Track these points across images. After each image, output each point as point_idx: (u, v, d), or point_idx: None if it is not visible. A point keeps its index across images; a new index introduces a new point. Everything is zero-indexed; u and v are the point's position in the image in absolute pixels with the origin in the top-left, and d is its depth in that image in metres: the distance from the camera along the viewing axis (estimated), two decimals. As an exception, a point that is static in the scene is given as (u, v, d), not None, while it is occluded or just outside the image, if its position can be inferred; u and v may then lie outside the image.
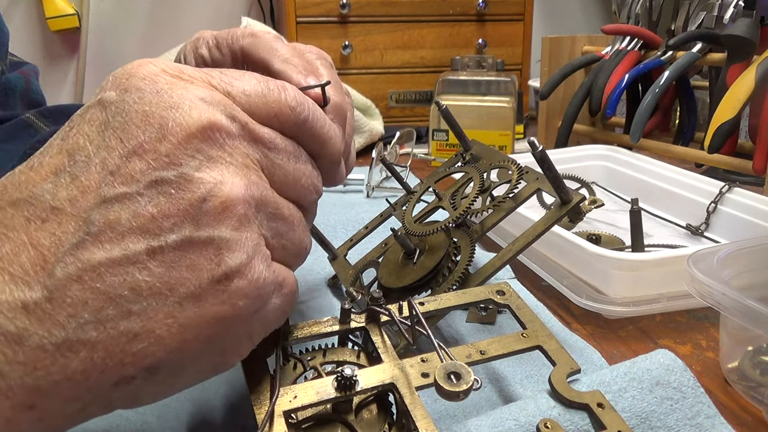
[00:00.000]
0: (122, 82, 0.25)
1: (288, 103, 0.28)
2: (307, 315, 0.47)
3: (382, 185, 0.81)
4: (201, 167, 0.24)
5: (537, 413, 0.30)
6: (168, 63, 0.26)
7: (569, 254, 0.50)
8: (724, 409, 0.36)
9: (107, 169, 0.23)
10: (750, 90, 0.70)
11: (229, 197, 0.24)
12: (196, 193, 0.23)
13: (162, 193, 0.23)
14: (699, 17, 0.84)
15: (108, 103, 0.24)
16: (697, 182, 0.66)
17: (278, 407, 0.27)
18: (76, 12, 1.55)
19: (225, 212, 0.24)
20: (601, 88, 0.88)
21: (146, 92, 0.24)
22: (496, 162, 0.48)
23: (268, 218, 0.26)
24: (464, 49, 1.28)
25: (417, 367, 0.30)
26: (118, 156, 0.23)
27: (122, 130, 0.23)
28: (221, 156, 0.24)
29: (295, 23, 1.22)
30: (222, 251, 0.24)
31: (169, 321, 0.23)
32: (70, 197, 0.22)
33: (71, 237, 0.22)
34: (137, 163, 0.23)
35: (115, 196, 0.22)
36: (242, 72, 0.28)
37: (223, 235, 0.24)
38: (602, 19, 1.84)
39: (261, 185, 0.26)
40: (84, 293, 0.22)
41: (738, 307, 0.34)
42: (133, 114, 0.24)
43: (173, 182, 0.23)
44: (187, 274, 0.23)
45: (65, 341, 0.21)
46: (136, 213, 0.23)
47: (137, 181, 0.23)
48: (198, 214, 0.23)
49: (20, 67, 0.66)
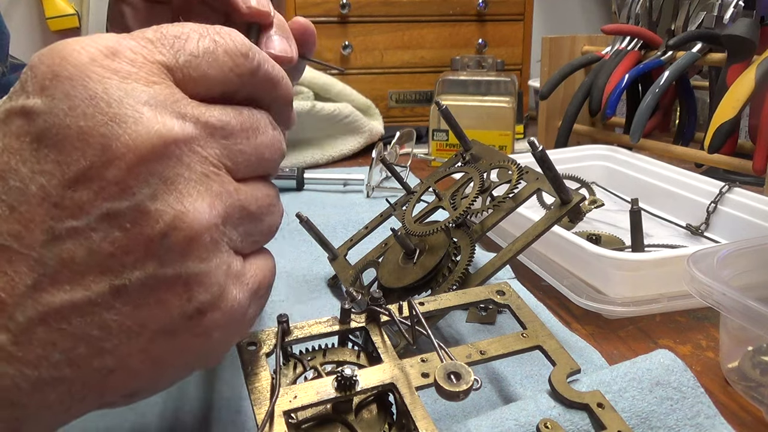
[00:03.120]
0: (45, 83, 0.21)
1: (239, 50, 0.25)
2: (307, 315, 0.47)
3: (382, 185, 0.81)
4: (157, 195, 0.21)
5: (537, 413, 0.30)
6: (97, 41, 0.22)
7: (569, 254, 0.50)
8: (724, 409, 0.36)
9: (49, 199, 0.20)
10: (750, 90, 0.70)
11: (193, 228, 0.22)
12: (155, 228, 0.21)
13: (116, 227, 0.21)
14: (699, 17, 0.84)
15: (35, 114, 0.21)
16: (697, 182, 0.66)
17: (278, 407, 0.27)
18: (76, 12, 1.55)
19: (190, 245, 0.22)
20: (601, 88, 0.88)
21: (78, 99, 0.21)
22: (496, 162, 0.48)
23: (235, 225, 0.24)
24: (464, 49, 1.28)
25: (417, 367, 0.30)
26: (59, 184, 0.20)
27: (58, 151, 0.20)
28: (178, 174, 0.22)
29: (295, 23, 1.22)
30: (192, 286, 0.22)
31: (143, 356, 0.22)
32: (14, 233, 0.20)
33: (26, 278, 0.20)
34: (83, 193, 0.20)
35: (65, 231, 0.20)
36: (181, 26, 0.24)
37: (190, 270, 0.22)
38: (602, 19, 1.84)
39: (225, 194, 0.24)
40: (51, 335, 0.20)
41: (738, 307, 0.34)
42: (66, 131, 0.20)
43: (127, 215, 0.21)
44: (157, 311, 0.22)
45: (39, 379, 0.21)
46: (91, 250, 0.21)
47: (86, 214, 0.20)
48: (160, 250, 0.21)
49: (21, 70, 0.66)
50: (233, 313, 0.24)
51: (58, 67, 0.21)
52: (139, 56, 0.22)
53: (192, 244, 0.22)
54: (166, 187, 0.21)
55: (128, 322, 0.21)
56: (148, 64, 0.23)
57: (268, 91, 0.27)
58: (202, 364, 0.25)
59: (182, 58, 0.23)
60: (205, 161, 0.23)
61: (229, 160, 0.24)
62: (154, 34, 0.24)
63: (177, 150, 0.22)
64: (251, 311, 0.26)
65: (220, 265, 0.23)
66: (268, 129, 0.26)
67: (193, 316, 0.22)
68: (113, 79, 0.21)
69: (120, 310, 0.21)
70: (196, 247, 0.22)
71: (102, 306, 0.21)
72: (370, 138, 1.02)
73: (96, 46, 0.22)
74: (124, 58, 0.22)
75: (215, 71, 0.24)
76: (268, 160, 0.26)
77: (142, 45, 0.23)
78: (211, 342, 0.24)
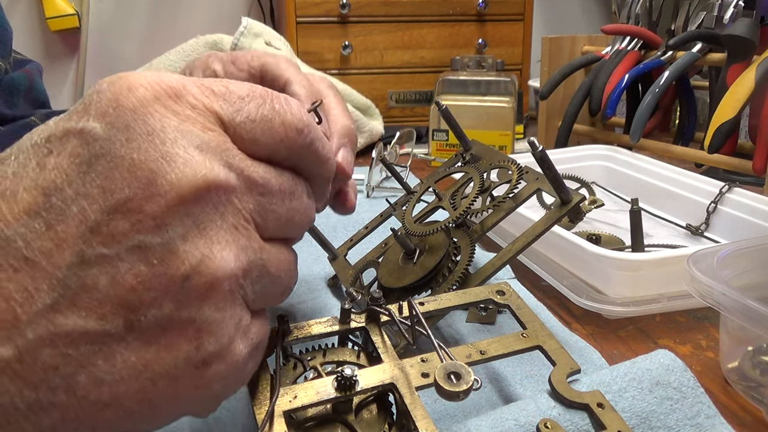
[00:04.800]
0: (109, 111, 0.22)
1: (295, 125, 0.26)
2: (307, 315, 0.47)
3: (382, 185, 0.81)
4: (188, 236, 0.22)
5: (537, 413, 0.30)
6: (164, 80, 0.23)
7: (569, 254, 0.50)
8: (724, 409, 0.36)
9: (87, 223, 0.21)
10: (750, 90, 0.71)
11: (215, 276, 0.22)
12: (180, 269, 0.21)
13: (143, 262, 0.21)
14: (699, 17, 0.84)
15: (92, 138, 0.21)
16: (697, 182, 0.66)
17: (278, 407, 0.27)
18: (76, 12, 1.55)
19: (209, 292, 0.22)
20: (601, 88, 0.88)
21: (136, 133, 0.21)
22: (496, 162, 0.48)
23: (253, 282, 0.24)
24: (464, 49, 1.28)
25: (417, 367, 0.30)
26: (100, 209, 0.21)
27: (106, 178, 0.21)
28: (211, 220, 0.22)
29: (295, 23, 1.22)
30: (202, 334, 0.22)
31: (140, 396, 0.22)
32: (45, 250, 0.20)
33: (45, 296, 0.20)
34: (120, 223, 0.21)
35: (95, 257, 0.21)
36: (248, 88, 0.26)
37: (205, 317, 0.22)
38: (602, 19, 1.84)
39: (250, 249, 0.24)
40: (55, 358, 0.20)
41: (738, 307, 0.34)
42: (119, 160, 0.21)
43: (156, 251, 0.21)
44: (164, 353, 0.22)
45: (36, 402, 0.20)
46: (114, 280, 0.21)
47: (118, 243, 0.21)
48: (180, 293, 0.21)
49: (24, 66, 0.65)
50: (236, 367, 0.24)
51: (123, 97, 0.22)
52: (200, 103, 0.24)
53: (211, 291, 0.22)
54: (198, 231, 0.22)
55: (133, 359, 0.21)
56: (206, 112, 0.24)
57: (312, 166, 0.28)
58: (195, 412, 0.25)
59: (239, 117, 0.24)
60: (239, 213, 0.24)
61: (260, 216, 0.25)
62: (219, 88, 0.25)
63: (216, 197, 0.23)
64: (250, 366, 0.26)
65: (233, 317, 0.23)
66: (303, 196, 0.27)
67: (199, 365, 0.22)
68: (172, 119, 0.22)
69: (129, 344, 0.21)
70: (215, 294, 0.22)
71: (113, 337, 0.21)
72: (370, 138, 1.02)
73: (162, 85, 0.23)
74: (186, 103, 0.23)
75: (267, 139, 0.25)
76: (296, 225, 0.27)
77: (206, 95, 0.24)
78: (210, 393, 0.24)
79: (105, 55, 1.64)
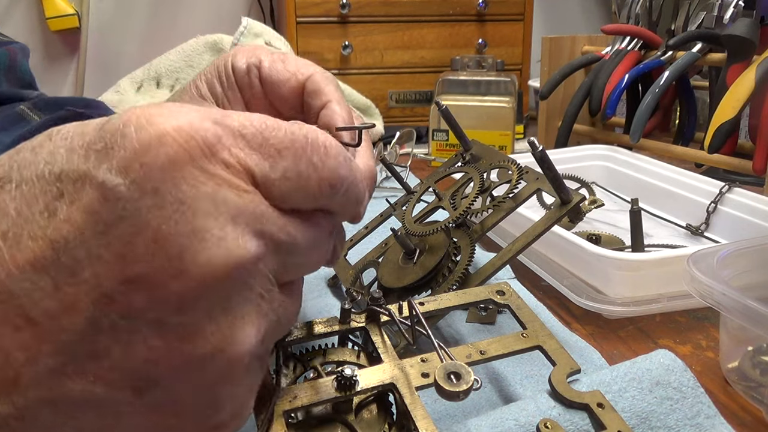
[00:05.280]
0: (134, 166, 0.19)
1: (330, 182, 0.24)
2: (307, 315, 0.47)
3: (382, 185, 0.81)
4: (213, 316, 0.20)
5: (537, 413, 0.30)
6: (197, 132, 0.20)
7: (569, 254, 0.50)
8: (724, 409, 0.36)
9: (101, 289, 0.18)
10: (750, 90, 0.71)
11: (236, 354, 0.21)
12: (199, 348, 0.20)
13: (161, 336, 0.19)
14: (699, 17, 0.84)
15: (113, 197, 0.19)
16: (697, 182, 0.66)
17: (278, 407, 0.27)
18: (76, 12, 1.55)
19: (228, 370, 0.21)
20: (601, 88, 0.88)
21: (165, 200, 0.19)
22: (496, 162, 0.48)
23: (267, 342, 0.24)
24: (464, 49, 1.28)
25: (417, 367, 0.30)
26: (116, 279, 0.19)
27: (126, 245, 0.18)
28: (238, 294, 0.21)
29: (295, 23, 1.22)
30: (218, 406, 0.21)
31: None
32: (52, 313, 0.18)
33: (49, 360, 0.19)
34: (139, 295, 0.19)
35: (107, 325, 0.19)
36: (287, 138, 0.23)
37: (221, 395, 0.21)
38: (602, 19, 1.84)
39: (270, 312, 0.22)
40: (56, 418, 0.19)
41: (738, 307, 0.34)
42: (143, 228, 0.19)
43: (177, 330, 0.19)
44: (173, 420, 0.21)
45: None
46: (128, 352, 0.19)
47: (135, 318, 0.19)
48: (198, 370, 0.20)
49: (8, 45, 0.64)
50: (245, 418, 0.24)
51: (153, 151, 0.19)
52: (235, 160, 0.21)
53: (230, 369, 0.21)
54: (223, 309, 0.20)
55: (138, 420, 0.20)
56: (241, 171, 0.21)
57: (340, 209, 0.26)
58: None
59: (274, 175, 0.22)
60: (264, 279, 0.22)
61: (283, 269, 0.23)
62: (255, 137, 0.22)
63: (245, 273, 0.21)
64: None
65: (248, 385, 0.23)
66: (328, 243, 0.26)
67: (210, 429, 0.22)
68: (207, 185, 0.20)
69: (137, 409, 0.20)
70: (233, 371, 0.21)
71: (120, 407, 0.20)
72: (370, 138, 1.02)
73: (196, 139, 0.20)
74: (220, 162, 0.20)
75: (300, 196, 0.23)
76: (314, 266, 0.26)
77: (240, 148, 0.21)
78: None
79: (105, 55, 1.64)
